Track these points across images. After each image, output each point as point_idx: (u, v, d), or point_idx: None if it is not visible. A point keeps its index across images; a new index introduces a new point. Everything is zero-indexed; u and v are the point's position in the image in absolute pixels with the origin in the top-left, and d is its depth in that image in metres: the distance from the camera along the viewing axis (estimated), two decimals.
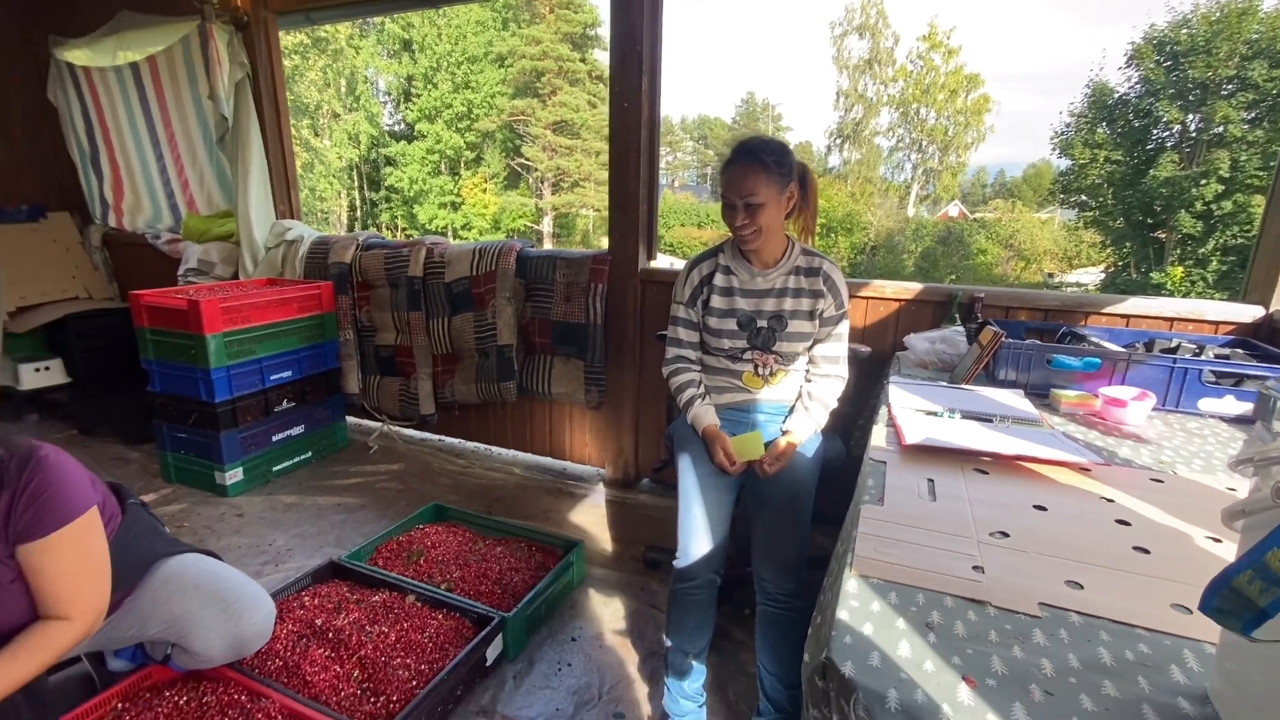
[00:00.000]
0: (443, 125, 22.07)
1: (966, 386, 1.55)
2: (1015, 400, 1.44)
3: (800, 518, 1.39)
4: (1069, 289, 18.83)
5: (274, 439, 2.69)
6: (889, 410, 1.36)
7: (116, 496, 1.34)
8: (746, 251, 1.47)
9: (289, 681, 1.40)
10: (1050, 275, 20.38)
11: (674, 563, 1.40)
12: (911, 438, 1.18)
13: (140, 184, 3.65)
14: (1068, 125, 17.39)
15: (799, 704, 1.30)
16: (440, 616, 1.65)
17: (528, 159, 22.50)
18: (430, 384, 2.86)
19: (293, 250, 3.07)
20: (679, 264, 2.50)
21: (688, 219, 25.62)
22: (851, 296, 2.10)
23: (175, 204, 3.63)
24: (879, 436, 1.23)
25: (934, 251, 20.75)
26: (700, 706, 1.40)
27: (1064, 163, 17.97)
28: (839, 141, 24.75)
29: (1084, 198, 17.21)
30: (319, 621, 1.59)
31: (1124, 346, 1.66)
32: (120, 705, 1.33)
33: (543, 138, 22.08)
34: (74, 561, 1.13)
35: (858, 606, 0.71)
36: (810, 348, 1.51)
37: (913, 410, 1.35)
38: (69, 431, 3.27)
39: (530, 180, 23.42)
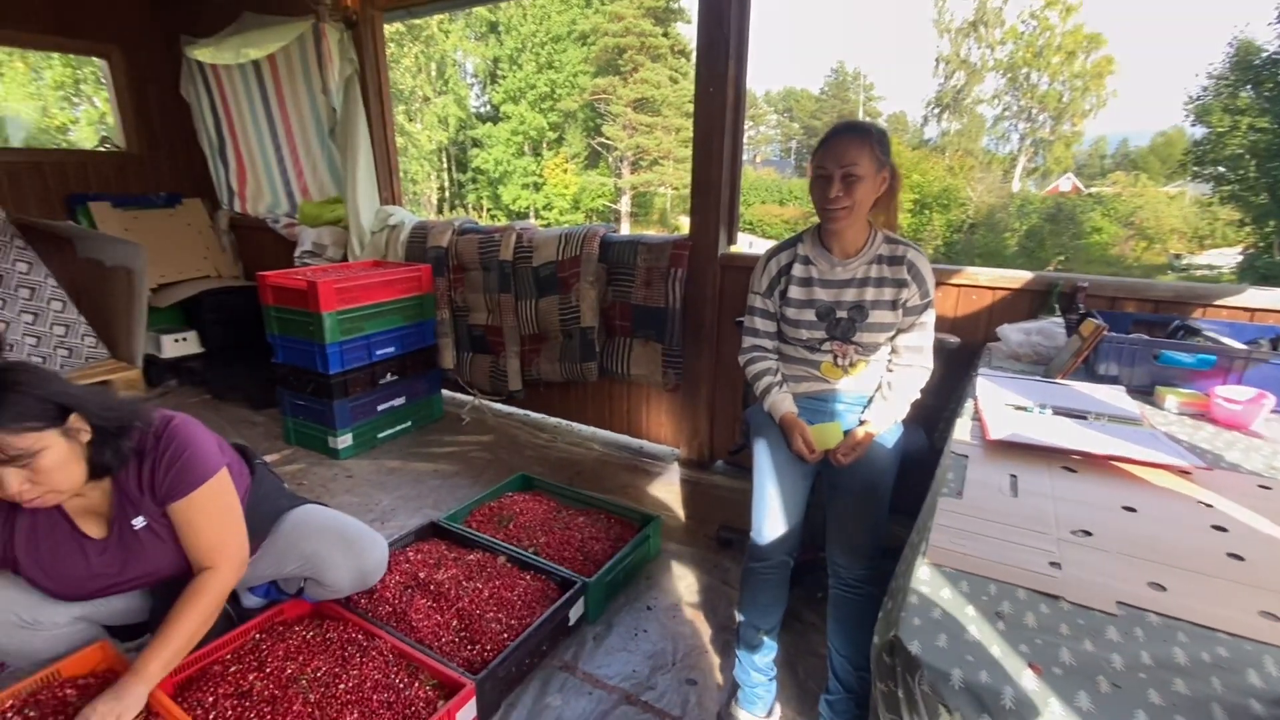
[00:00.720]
0: (526, 106, 22.54)
1: (1062, 381, 1.49)
2: (1115, 397, 1.38)
3: (876, 506, 1.40)
4: (1198, 271, 16.98)
5: (379, 409, 2.94)
6: (975, 403, 1.34)
7: (244, 458, 1.51)
8: (829, 237, 1.48)
9: (397, 625, 1.58)
10: (1177, 257, 18.46)
11: (749, 541, 1.45)
12: (996, 433, 1.17)
13: (261, 172, 4.02)
14: (1205, 89, 15.60)
15: (867, 685, 1.33)
16: (528, 577, 1.79)
17: (608, 138, 22.63)
18: (518, 362, 3.03)
19: (395, 234, 3.30)
20: (759, 244, 2.51)
21: (769, 196, 24.94)
22: (941, 284, 2.05)
23: (291, 191, 3.97)
24: (962, 430, 1.22)
25: (1040, 230, 19.20)
26: (770, 680, 1.46)
27: (1199, 131, 16.12)
28: (937, 111, 23.28)
29: (1222, 170, 15.41)
30: (422, 575, 1.77)
31: (1246, 343, 1.54)
32: (258, 635, 1.54)
33: (623, 116, 22.12)
34: (215, 514, 1.29)
35: (928, 592, 0.75)
36: (893, 338, 1.51)
37: (1001, 404, 1.33)
38: (203, 396, 3.69)
39: (610, 159, 23.58)
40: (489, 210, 23.57)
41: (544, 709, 1.48)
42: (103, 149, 4.29)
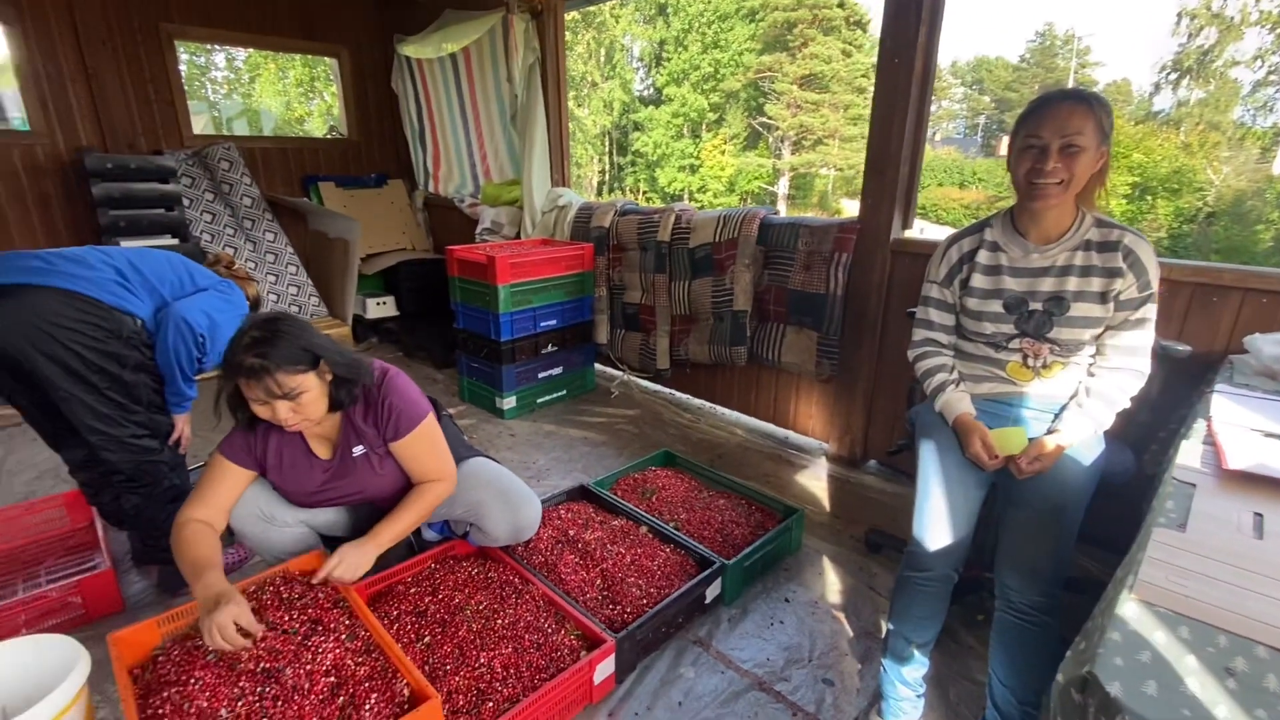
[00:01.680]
0: (689, 88, 22.55)
1: None
2: None
3: (1061, 530, 1.24)
4: None
5: (539, 376, 3.17)
6: (1209, 425, 1.13)
7: (435, 408, 1.73)
8: (1027, 219, 1.31)
9: (548, 575, 1.71)
10: None
11: (907, 548, 1.36)
12: (1237, 461, 0.97)
13: (453, 156, 4.45)
14: None
15: None
16: (668, 550, 1.84)
17: (770, 117, 21.96)
18: (667, 341, 3.08)
19: (563, 215, 3.50)
20: (930, 231, 2.30)
21: (948, 177, 22.63)
22: (1169, 280, 1.73)
23: (476, 173, 4.36)
24: (1189, 454, 1.03)
25: None
26: (918, 697, 1.37)
27: None
28: (1174, 77, 19.50)
29: None
30: (571, 532, 1.89)
31: None
32: (433, 565, 1.75)
33: (788, 94, 21.30)
34: (430, 446, 1.54)
35: (1135, 631, 0.65)
36: (1099, 336, 1.31)
37: (1244, 428, 1.10)
38: (396, 354, 4.22)
39: (770, 140, 22.89)
40: (645, 193, 24.06)
41: (677, 678, 1.52)
42: (330, 136, 5.03)
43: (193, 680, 1.16)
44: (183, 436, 1.83)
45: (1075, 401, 1.32)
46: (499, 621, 1.50)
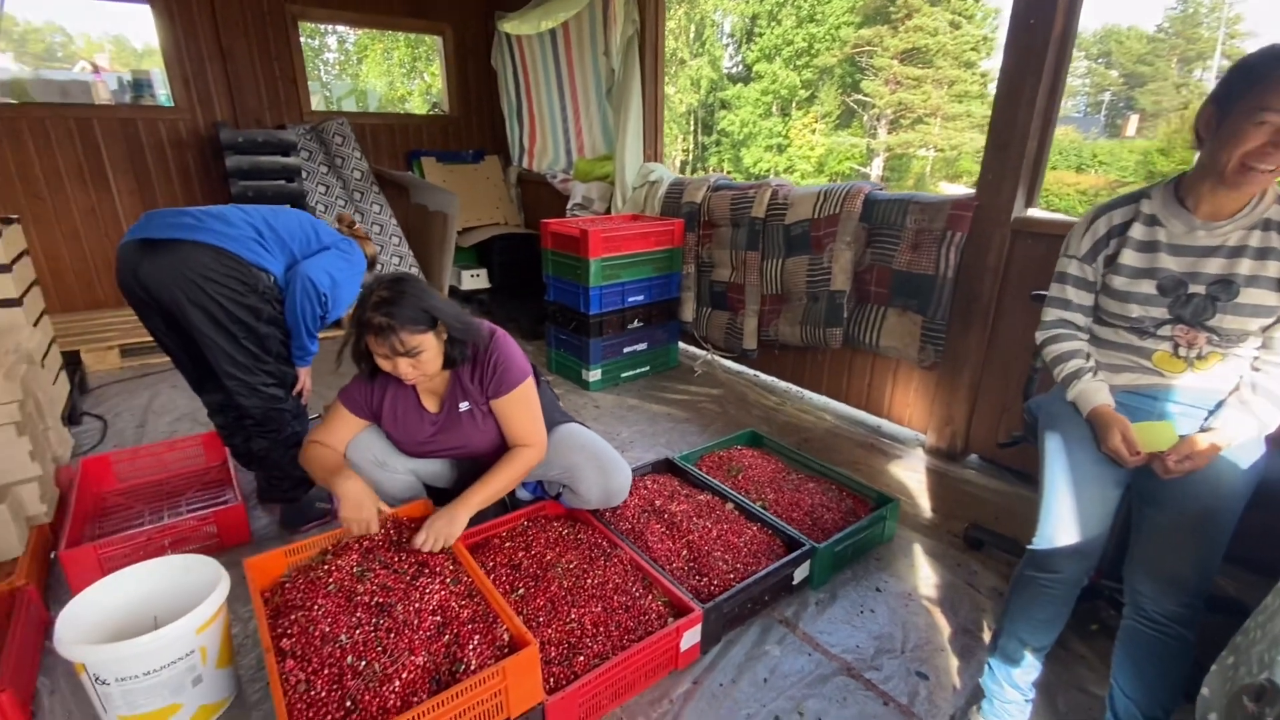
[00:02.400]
0: (781, 64, 21.78)
1: None
2: None
3: (1209, 539, 1.12)
4: None
5: (624, 351, 3.19)
6: None
7: (534, 374, 1.79)
8: (1197, 194, 1.17)
9: (636, 542, 1.73)
10: None
11: (1029, 547, 1.26)
12: None
13: (548, 132, 4.52)
14: None
15: None
16: (755, 529, 1.82)
17: (866, 94, 20.90)
18: (755, 321, 3.02)
19: (653, 190, 3.48)
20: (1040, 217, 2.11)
21: (1063, 161, 20.72)
22: None
23: (570, 149, 4.41)
24: None
25: None
26: (1026, 702, 1.29)
27: None
28: None
29: None
30: (658, 503, 1.90)
31: None
32: (526, 522, 1.81)
33: (887, 69, 20.18)
34: (527, 409, 1.60)
35: None
36: (1270, 327, 1.16)
37: None
38: None
39: (865, 118, 21.82)
40: (729, 173, 23.57)
41: (762, 655, 1.51)
42: (433, 113, 5.22)
43: (316, 606, 1.26)
44: (305, 388, 1.98)
45: (1237, 398, 1.18)
46: (588, 581, 1.53)
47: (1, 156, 3.53)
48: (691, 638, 1.44)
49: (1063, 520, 1.22)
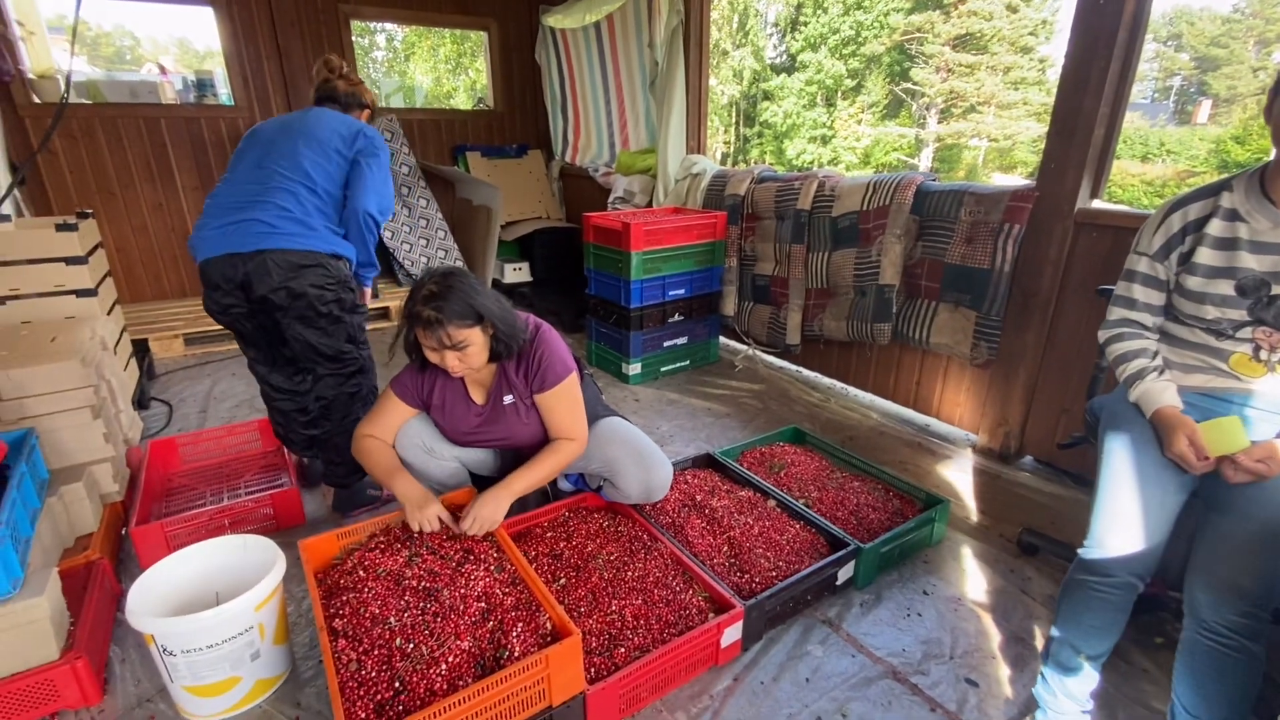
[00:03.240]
0: (826, 53, 21.27)
1: None
2: None
3: (1278, 549, 1.05)
4: None
5: (664, 345, 3.18)
6: None
7: (579, 367, 1.80)
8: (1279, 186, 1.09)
9: (676, 536, 1.72)
10: None
11: (1080, 551, 1.21)
12: None
13: (593, 125, 4.53)
14: None
15: None
16: (798, 527, 1.79)
17: (915, 83, 20.24)
18: (800, 316, 2.97)
19: (696, 182, 3.45)
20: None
21: (1127, 149, 19.60)
22: None
23: (614, 142, 4.41)
24: None
25: None
26: (1084, 713, 1.23)
27: None
28: None
29: None
30: (698, 498, 1.89)
31: None
32: (567, 513, 1.83)
33: (938, 57, 19.49)
34: (570, 404, 1.61)
35: None
36: None
37: None
38: None
39: (914, 108, 21.16)
40: (771, 165, 23.19)
41: (804, 654, 1.49)
42: (479, 108, 5.30)
43: (367, 589, 1.30)
44: (366, 300, 2.03)
45: None
46: (629, 573, 1.54)
47: (78, 154, 3.74)
48: (733, 634, 1.43)
49: (1116, 522, 1.16)
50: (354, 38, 4.47)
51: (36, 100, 3.57)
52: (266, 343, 1.91)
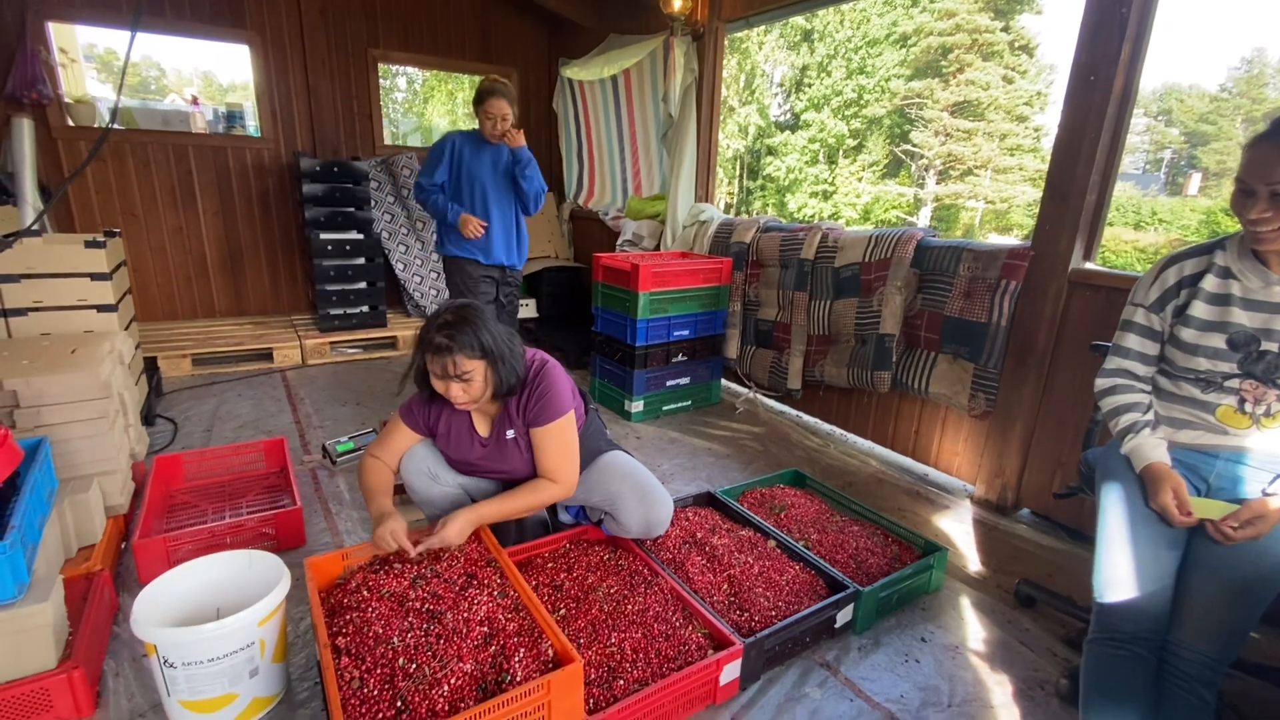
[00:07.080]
0: (829, 113, 22.07)
1: None
2: None
3: (1245, 608, 1.11)
4: None
5: (667, 384, 3.23)
6: None
7: (584, 401, 1.84)
8: (1264, 251, 1.17)
9: (676, 572, 1.73)
10: None
11: (1094, 612, 1.22)
12: None
13: (607, 172, 4.69)
14: None
15: None
16: (797, 568, 1.80)
17: (915, 145, 20.95)
18: (801, 361, 3.03)
19: (703, 229, 3.57)
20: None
21: (1120, 217, 20.18)
22: None
23: (627, 188, 4.56)
24: None
25: None
26: None
27: None
28: None
29: None
30: (699, 535, 1.90)
31: None
32: (568, 544, 1.83)
33: (936, 121, 20.23)
34: (560, 445, 1.63)
35: None
36: None
37: None
38: None
39: (913, 168, 21.82)
40: (775, 216, 23.64)
41: (802, 696, 1.48)
42: None
43: (370, 609, 1.31)
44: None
45: None
46: (629, 607, 1.54)
47: (106, 176, 3.87)
48: (731, 672, 1.43)
49: (1118, 575, 1.19)
50: (379, 79, 4.67)
51: (70, 123, 3.70)
52: None
